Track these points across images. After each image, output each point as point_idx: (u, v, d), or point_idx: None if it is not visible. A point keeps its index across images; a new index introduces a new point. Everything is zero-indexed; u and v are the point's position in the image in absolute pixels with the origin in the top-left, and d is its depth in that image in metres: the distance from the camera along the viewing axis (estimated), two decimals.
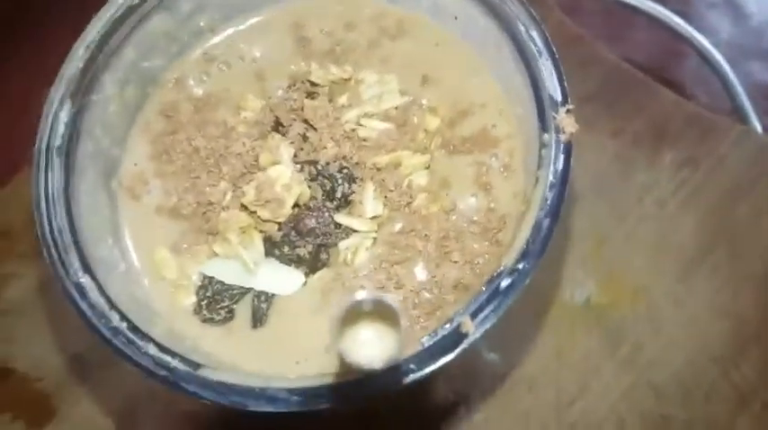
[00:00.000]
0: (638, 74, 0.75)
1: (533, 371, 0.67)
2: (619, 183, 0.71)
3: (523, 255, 0.38)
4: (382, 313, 0.29)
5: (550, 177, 0.39)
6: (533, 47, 0.43)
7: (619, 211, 0.71)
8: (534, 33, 0.43)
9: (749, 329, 0.65)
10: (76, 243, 0.43)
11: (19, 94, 0.81)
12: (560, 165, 0.39)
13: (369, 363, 0.29)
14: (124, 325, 0.41)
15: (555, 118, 0.41)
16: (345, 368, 0.37)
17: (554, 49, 0.41)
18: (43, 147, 0.44)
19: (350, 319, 0.29)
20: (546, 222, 0.38)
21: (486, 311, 0.37)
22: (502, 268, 0.38)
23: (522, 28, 0.43)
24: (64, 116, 0.45)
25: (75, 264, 0.42)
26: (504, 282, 0.38)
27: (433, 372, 0.37)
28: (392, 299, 0.28)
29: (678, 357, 0.65)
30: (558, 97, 0.41)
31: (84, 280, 0.42)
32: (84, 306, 0.41)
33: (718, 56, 0.79)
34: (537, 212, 0.38)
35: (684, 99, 0.75)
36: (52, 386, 0.68)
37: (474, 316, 0.37)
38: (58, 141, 0.44)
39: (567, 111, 0.40)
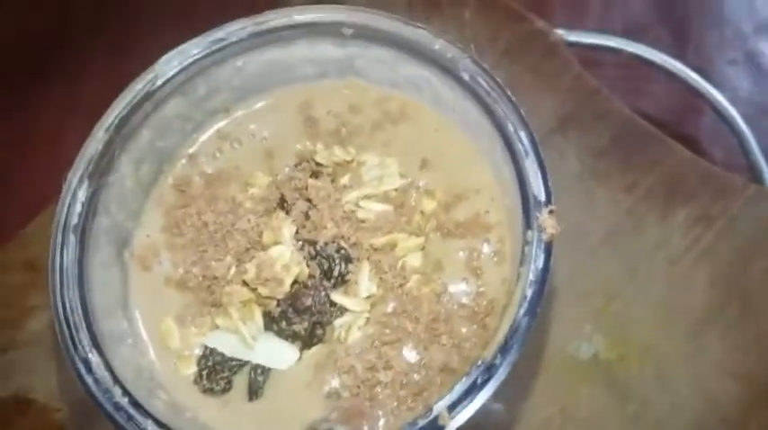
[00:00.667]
0: (653, 129, 0.75)
1: (538, 426, 0.67)
2: (631, 239, 0.71)
3: (501, 351, 0.40)
4: None
5: (530, 275, 0.41)
6: (521, 146, 0.45)
7: (630, 267, 0.70)
8: (522, 134, 0.45)
9: (759, 390, 0.64)
10: (87, 320, 0.45)
11: (49, 130, 0.84)
12: (540, 264, 0.41)
13: None
14: (126, 400, 0.43)
15: (537, 217, 0.42)
16: None
17: (540, 150, 0.44)
18: (60, 225, 0.47)
19: None
20: (524, 320, 0.40)
21: (464, 404, 0.39)
22: (480, 362, 0.40)
23: (511, 128, 0.45)
24: (81, 195, 0.48)
25: (84, 340, 0.45)
26: (482, 377, 0.39)
27: None
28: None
29: (685, 417, 0.64)
30: (542, 197, 0.43)
31: (92, 355, 0.44)
32: (89, 380, 0.44)
33: (734, 113, 0.79)
34: (516, 309, 0.40)
35: (699, 156, 0.75)
36: (69, 418, 0.69)
37: (451, 409, 0.39)
38: (74, 220, 0.48)
39: (550, 211, 0.42)
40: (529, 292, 0.40)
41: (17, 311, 0.72)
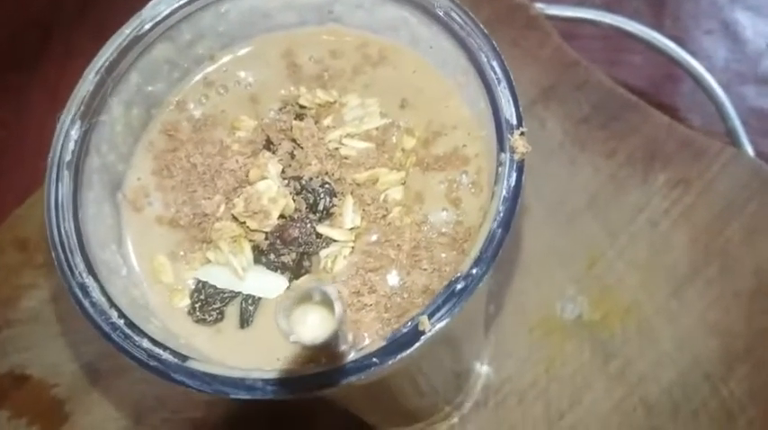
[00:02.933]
0: (633, 97, 0.78)
1: (524, 386, 0.70)
2: (612, 203, 0.74)
3: (477, 262, 0.42)
4: (326, 302, 0.34)
5: (503, 192, 0.43)
6: (494, 75, 0.47)
7: (612, 230, 0.73)
8: (495, 63, 0.47)
9: (739, 346, 0.67)
10: (82, 246, 0.47)
11: (39, 114, 0.86)
12: (513, 182, 0.44)
13: (311, 340, 0.34)
14: (122, 321, 0.45)
15: (510, 139, 0.45)
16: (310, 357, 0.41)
17: (512, 77, 0.46)
18: (55, 161, 0.49)
19: (297, 305, 0.34)
20: (498, 232, 0.42)
21: (443, 311, 0.41)
22: (458, 274, 0.42)
23: (484, 58, 0.48)
24: (74, 134, 0.50)
25: (80, 265, 0.47)
26: (459, 286, 0.42)
27: (393, 365, 0.41)
28: (331, 288, 0.33)
29: (669, 373, 0.67)
30: (514, 121, 0.45)
31: (88, 280, 0.46)
32: (86, 304, 0.46)
33: (711, 80, 0.82)
34: (491, 224, 0.42)
35: (679, 122, 0.77)
36: (66, 392, 0.71)
37: (431, 316, 0.41)
38: (68, 156, 0.50)
39: (521, 133, 0.45)
40: (502, 208, 0.43)
41: (10, 290, 0.74)
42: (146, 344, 0.44)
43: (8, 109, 0.88)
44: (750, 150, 0.77)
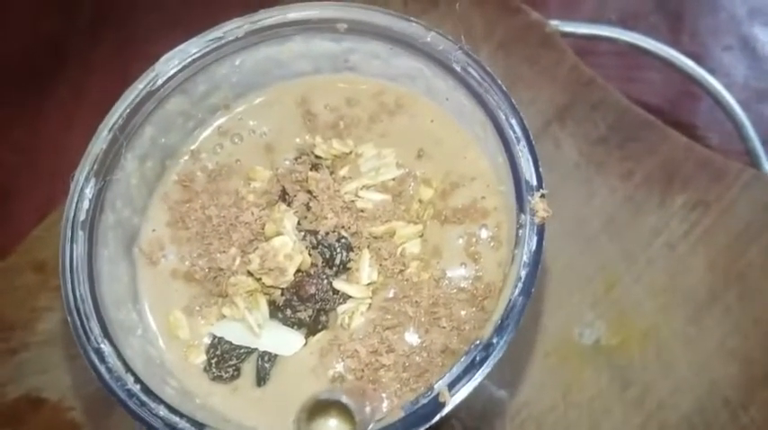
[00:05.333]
0: (650, 117, 0.76)
1: (542, 411, 0.68)
2: (629, 225, 0.72)
3: (497, 331, 0.41)
4: (342, 408, 0.33)
5: (524, 257, 0.43)
6: (512, 133, 0.46)
7: (629, 253, 0.71)
8: (513, 121, 0.46)
9: (758, 372, 0.66)
10: (97, 310, 0.47)
11: (55, 135, 0.85)
12: (533, 246, 0.43)
13: None
14: (138, 387, 0.45)
15: (530, 201, 0.44)
16: None
17: (531, 135, 0.45)
18: (69, 221, 0.49)
19: (315, 412, 0.33)
20: (519, 300, 0.42)
21: (463, 381, 0.41)
22: (478, 342, 0.41)
23: (502, 116, 0.47)
24: (89, 192, 0.50)
25: (95, 330, 0.46)
26: (480, 355, 0.41)
27: None
28: (347, 399, 0.32)
29: (688, 399, 0.66)
30: (534, 182, 0.44)
31: (104, 345, 0.46)
32: (102, 369, 0.45)
33: (730, 98, 0.80)
34: (511, 290, 0.42)
35: (696, 141, 0.75)
36: (83, 416, 0.71)
37: (451, 386, 0.41)
38: (82, 215, 0.49)
39: (542, 195, 0.44)
40: (523, 273, 0.42)
41: (27, 312, 0.74)
42: (162, 412, 0.44)
43: (23, 130, 0.87)
44: None
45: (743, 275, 0.69)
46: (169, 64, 0.52)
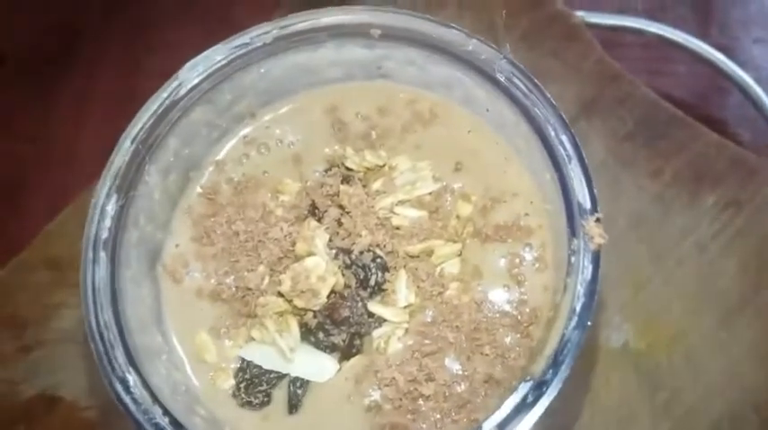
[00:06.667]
0: (679, 112, 0.74)
1: (567, 417, 0.66)
2: (658, 225, 0.70)
3: (552, 366, 0.39)
4: None
5: (579, 287, 0.40)
6: (563, 151, 0.43)
7: (658, 254, 0.69)
8: (564, 138, 0.43)
9: None
10: (122, 336, 0.45)
11: (66, 124, 0.82)
12: (588, 276, 0.40)
13: None
14: (166, 420, 0.43)
15: (583, 226, 0.41)
16: None
17: (583, 154, 0.42)
18: (90, 241, 0.46)
19: None
20: (574, 334, 0.39)
21: (514, 423, 0.38)
22: (529, 378, 0.39)
23: (551, 132, 0.44)
24: (110, 209, 0.47)
25: (120, 358, 0.44)
26: (533, 394, 0.38)
27: None
28: None
29: (717, 405, 0.64)
30: (588, 205, 0.42)
31: (129, 374, 0.44)
32: (128, 400, 0.43)
33: (761, 93, 0.77)
34: (564, 323, 0.39)
35: (726, 138, 0.72)
36: (98, 416, 0.69)
37: (502, 427, 0.38)
38: (104, 234, 0.47)
39: (597, 220, 0.41)
40: (578, 305, 0.39)
41: (41, 310, 0.72)
42: None
43: (35, 119, 0.85)
44: None
45: None
46: (193, 72, 0.49)
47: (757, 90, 0.77)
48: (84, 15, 0.89)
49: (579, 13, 0.79)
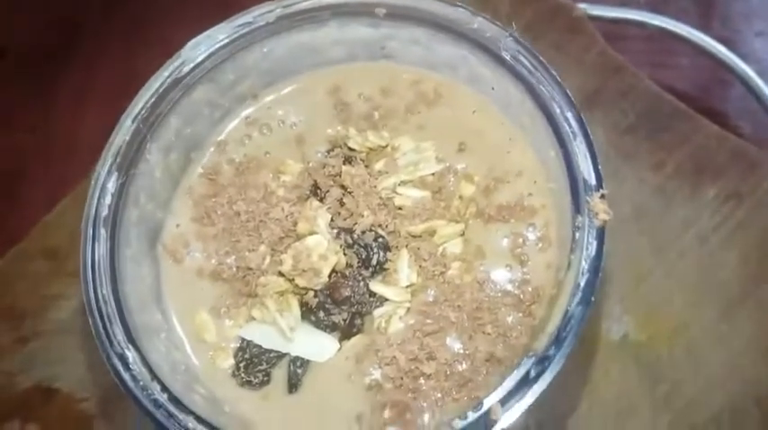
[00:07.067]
0: (681, 105, 0.73)
1: (564, 409, 0.66)
2: (659, 217, 0.69)
3: (554, 342, 0.38)
4: None
5: (583, 263, 0.39)
6: (568, 128, 0.43)
7: (659, 246, 0.69)
8: (569, 114, 0.43)
9: None
10: (121, 312, 0.44)
11: (66, 117, 0.82)
12: (593, 251, 0.40)
13: None
14: (165, 396, 0.42)
15: (588, 202, 0.41)
16: None
17: (588, 130, 0.41)
18: (90, 218, 0.46)
19: None
20: (578, 310, 0.38)
21: (516, 398, 0.38)
22: (532, 354, 0.38)
23: (557, 109, 0.43)
24: (111, 187, 0.47)
25: (118, 335, 0.44)
26: (535, 370, 0.38)
27: None
28: None
29: (718, 398, 0.63)
30: (593, 181, 0.41)
31: (128, 351, 0.43)
32: (126, 377, 0.42)
33: (763, 85, 0.77)
34: (568, 299, 0.39)
35: (728, 130, 0.72)
36: (95, 407, 0.69)
37: (503, 402, 0.38)
38: (104, 211, 0.46)
39: (602, 196, 0.40)
40: (582, 281, 0.39)
41: (38, 300, 0.71)
42: (191, 424, 0.41)
43: (35, 112, 0.85)
44: None
45: None
46: (196, 50, 0.49)
47: (759, 83, 0.76)
48: (83, 11, 0.90)
49: (582, 6, 0.79)
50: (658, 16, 0.80)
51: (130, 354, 0.43)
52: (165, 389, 0.42)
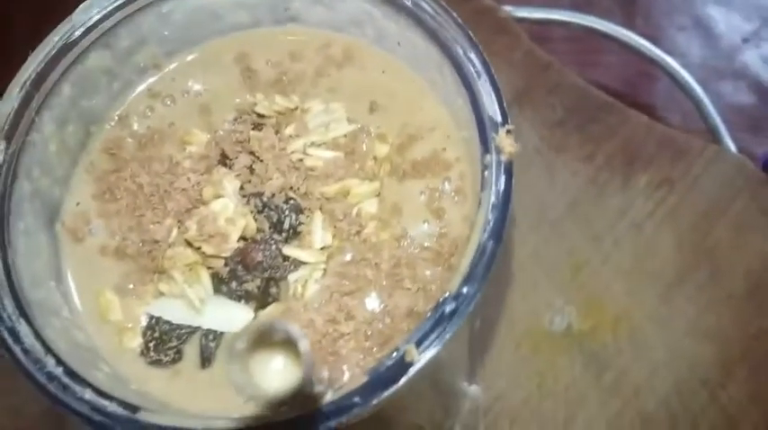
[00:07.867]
0: (608, 98, 0.75)
1: (516, 403, 0.65)
2: (593, 208, 0.71)
3: (467, 280, 0.37)
4: (288, 341, 0.28)
5: (492, 198, 0.38)
6: (472, 69, 0.42)
7: (594, 235, 0.70)
8: (473, 55, 0.42)
9: (735, 350, 0.64)
10: (11, 286, 0.41)
11: None
12: (502, 186, 0.39)
13: (274, 393, 0.28)
14: (60, 369, 0.39)
15: (494, 138, 0.40)
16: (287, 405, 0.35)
17: (492, 69, 0.41)
18: None
19: (253, 350, 0.28)
20: (489, 244, 0.37)
21: (431, 338, 0.36)
22: (446, 294, 0.37)
23: (460, 51, 0.43)
24: None
25: (8, 308, 0.40)
26: (449, 308, 0.36)
27: (378, 404, 0.35)
28: (291, 326, 0.27)
29: (665, 382, 0.64)
30: (498, 118, 0.40)
31: (19, 325, 0.40)
32: (17, 351, 0.39)
33: (688, 77, 0.79)
34: (480, 235, 0.37)
35: (657, 122, 0.74)
36: None
37: (419, 344, 0.36)
38: None
39: (507, 131, 0.40)
40: (491, 216, 0.37)
41: None
42: (88, 395, 0.38)
43: None
44: (732, 147, 0.75)
45: (712, 252, 0.68)
46: (87, 13, 0.47)
47: (684, 74, 0.79)
48: None
49: (507, 8, 0.80)
50: (584, 15, 0.82)
51: (22, 328, 0.40)
52: (60, 362, 0.39)
